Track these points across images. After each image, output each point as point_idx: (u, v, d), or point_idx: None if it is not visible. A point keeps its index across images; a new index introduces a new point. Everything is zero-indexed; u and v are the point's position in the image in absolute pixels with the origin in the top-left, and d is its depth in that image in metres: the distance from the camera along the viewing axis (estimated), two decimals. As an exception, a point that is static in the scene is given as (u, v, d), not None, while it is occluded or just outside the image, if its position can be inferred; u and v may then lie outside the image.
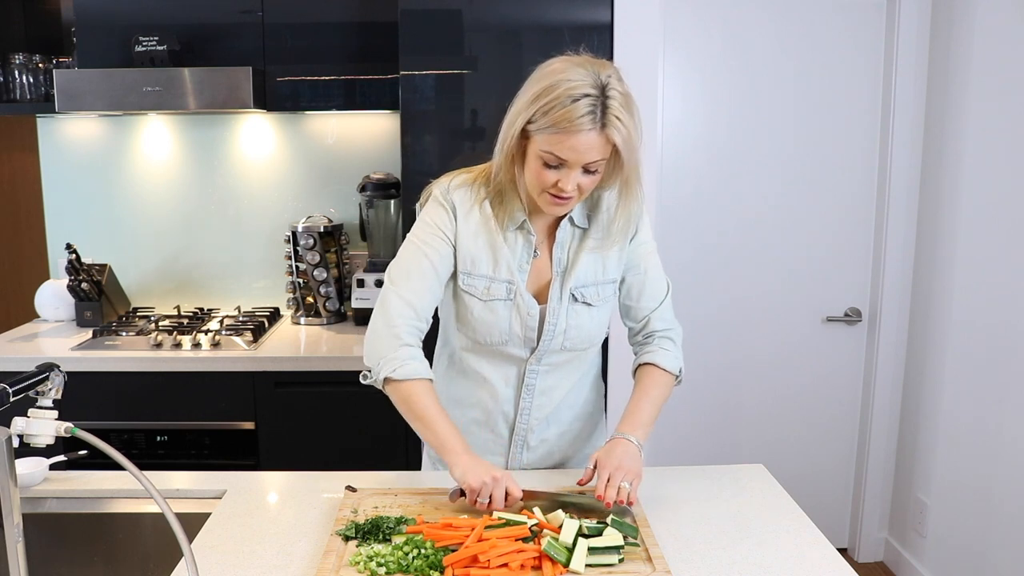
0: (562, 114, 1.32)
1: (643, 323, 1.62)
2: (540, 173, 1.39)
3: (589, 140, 1.34)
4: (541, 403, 1.60)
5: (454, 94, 2.46)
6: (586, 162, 1.36)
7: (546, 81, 1.35)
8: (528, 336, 1.53)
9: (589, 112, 1.32)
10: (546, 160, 1.37)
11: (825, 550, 1.33)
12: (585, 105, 1.32)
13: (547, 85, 1.34)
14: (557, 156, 1.36)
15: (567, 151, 1.35)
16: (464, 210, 1.52)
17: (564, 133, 1.33)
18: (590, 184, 1.41)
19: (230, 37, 2.69)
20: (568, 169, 1.37)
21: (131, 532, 1.55)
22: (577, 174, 1.38)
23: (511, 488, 1.36)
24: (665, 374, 1.58)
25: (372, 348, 1.51)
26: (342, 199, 3.07)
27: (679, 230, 2.92)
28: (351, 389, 2.49)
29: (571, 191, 1.39)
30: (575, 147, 1.34)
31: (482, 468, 1.37)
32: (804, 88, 2.88)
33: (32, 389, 1.24)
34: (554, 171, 1.38)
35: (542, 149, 1.37)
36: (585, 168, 1.38)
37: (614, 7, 2.42)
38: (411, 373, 1.46)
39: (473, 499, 1.36)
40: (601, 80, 1.34)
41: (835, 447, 3.11)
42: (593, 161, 1.37)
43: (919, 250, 2.90)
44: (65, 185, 3.06)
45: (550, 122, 1.33)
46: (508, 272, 1.51)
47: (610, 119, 1.33)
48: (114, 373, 2.49)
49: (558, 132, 1.34)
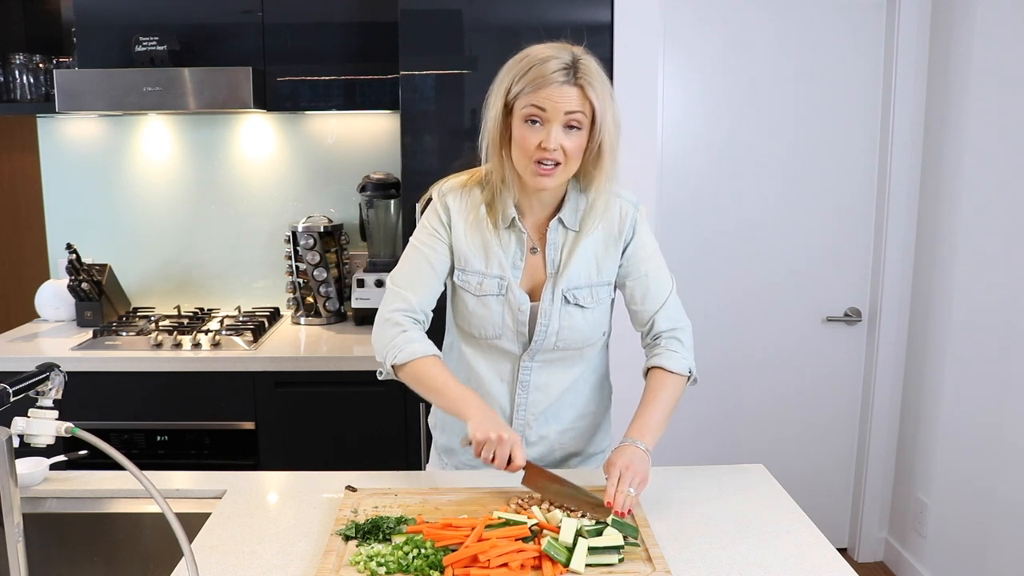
0: (537, 71, 1.41)
1: (649, 325, 1.63)
2: (524, 136, 1.44)
3: (564, 92, 1.41)
4: (536, 399, 1.62)
5: (454, 94, 2.47)
6: (565, 111, 1.41)
7: (518, 57, 1.46)
8: (520, 331, 1.57)
9: (563, 68, 1.41)
10: (528, 116, 1.43)
11: (825, 550, 1.33)
12: (558, 63, 1.41)
13: (519, 57, 1.46)
14: (537, 107, 1.42)
15: (544, 100, 1.41)
16: (457, 210, 1.57)
17: (540, 87, 1.41)
18: (573, 147, 1.45)
19: (230, 37, 2.69)
20: (549, 124, 1.42)
21: (131, 532, 1.55)
22: (558, 130, 1.43)
23: (515, 453, 1.39)
24: (673, 376, 1.58)
25: (376, 344, 1.57)
26: (342, 199, 3.07)
27: (679, 230, 2.92)
28: (351, 389, 2.51)
29: (554, 147, 1.43)
30: (551, 96, 1.41)
31: (492, 424, 1.40)
32: (804, 88, 2.88)
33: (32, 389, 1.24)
34: (537, 130, 1.43)
35: (522, 108, 1.43)
36: (567, 123, 1.43)
37: (614, 7, 2.42)
38: (413, 353, 1.51)
39: (478, 451, 1.40)
40: (574, 53, 1.44)
41: (835, 447, 3.11)
42: (572, 111, 1.42)
43: (919, 250, 2.90)
44: (65, 185, 3.06)
45: (526, 82, 1.42)
46: (500, 268, 1.56)
47: (583, 77, 1.42)
48: (114, 373, 2.49)
49: (535, 87, 1.41)
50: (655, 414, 1.53)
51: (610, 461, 1.45)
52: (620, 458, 1.43)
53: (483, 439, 1.38)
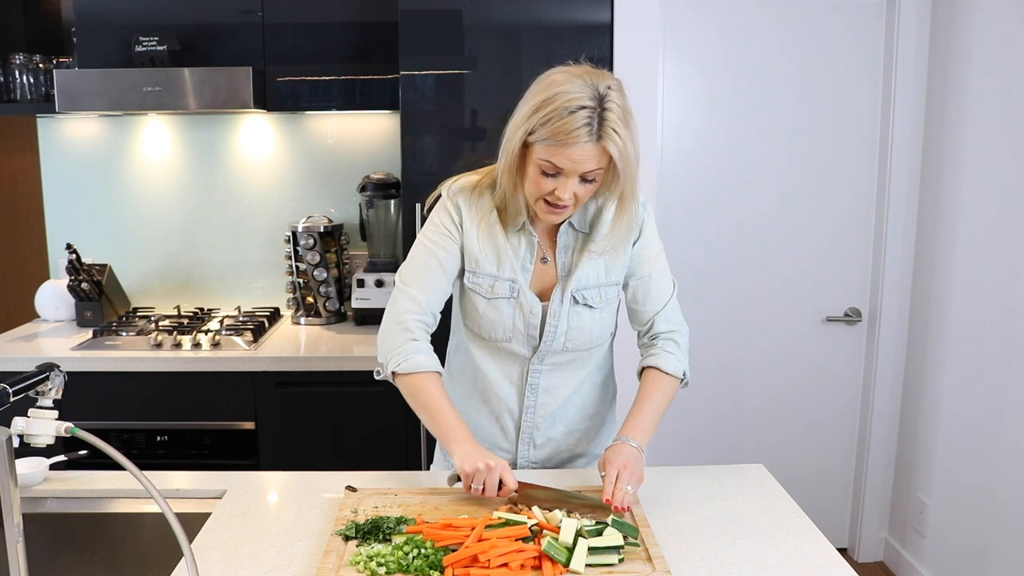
0: (559, 126, 1.35)
1: (648, 325, 1.63)
2: (538, 181, 1.42)
3: (585, 151, 1.37)
4: (545, 401, 1.62)
5: (454, 94, 2.47)
6: (582, 172, 1.39)
7: (545, 93, 1.38)
8: (531, 334, 1.56)
9: (586, 124, 1.35)
10: (544, 169, 1.41)
11: (825, 550, 1.33)
12: (582, 117, 1.34)
13: (545, 98, 1.37)
14: (555, 165, 1.39)
15: (564, 161, 1.38)
16: (469, 212, 1.56)
17: (561, 144, 1.36)
18: (586, 194, 1.44)
19: (230, 37, 2.69)
20: (565, 178, 1.40)
21: (131, 532, 1.55)
22: (574, 183, 1.41)
23: (505, 478, 1.39)
24: (668, 377, 1.58)
25: (382, 344, 1.56)
26: (342, 199, 3.07)
27: (679, 230, 2.92)
28: (351, 389, 2.51)
29: (567, 199, 1.42)
30: (571, 157, 1.37)
31: (479, 455, 1.40)
32: (804, 88, 2.88)
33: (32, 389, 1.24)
34: (551, 180, 1.41)
35: (540, 158, 1.40)
36: (582, 177, 1.41)
37: (614, 7, 2.42)
38: (416, 366, 1.50)
39: (468, 484, 1.39)
40: (599, 91, 1.36)
41: (835, 447, 3.11)
42: (589, 171, 1.40)
43: (919, 250, 2.90)
44: (65, 185, 3.06)
45: (548, 133, 1.37)
46: (511, 271, 1.55)
47: (607, 131, 1.36)
48: (114, 373, 2.49)
49: (556, 144, 1.37)
50: (649, 414, 1.54)
51: (606, 459, 1.45)
52: (617, 456, 1.44)
53: (471, 471, 1.38)
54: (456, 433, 1.45)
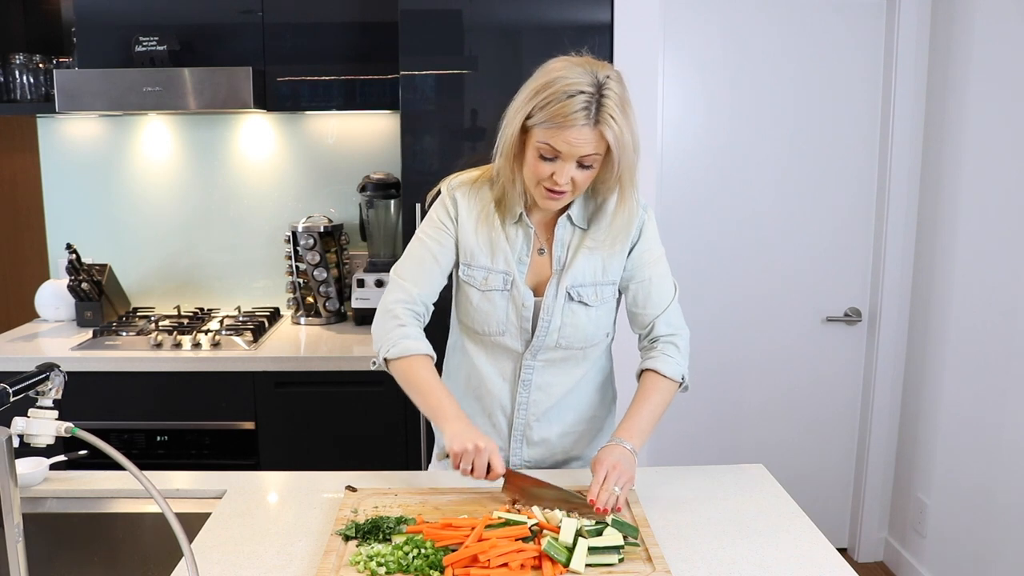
0: (558, 108, 1.37)
1: (648, 328, 1.63)
2: (536, 165, 1.44)
3: (583, 135, 1.38)
4: (538, 399, 1.62)
5: (454, 94, 2.47)
6: (580, 155, 1.41)
7: (545, 78, 1.41)
8: (523, 327, 1.57)
9: (583, 108, 1.37)
10: (542, 152, 1.42)
11: (825, 550, 1.33)
12: (580, 101, 1.37)
13: (545, 81, 1.40)
14: (552, 148, 1.41)
15: (561, 144, 1.40)
16: (466, 205, 1.58)
17: (559, 127, 1.38)
18: (583, 180, 1.45)
19: (230, 37, 2.69)
20: (562, 162, 1.42)
21: (131, 532, 1.55)
22: (571, 167, 1.42)
23: (494, 461, 1.40)
24: (666, 380, 1.58)
25: (374, 335, 1.59)
26: (342, 199, 3.07)
27: (679, 230, 2.92)
28: (351, 389, 2.51)
29: (564, 184, 1.43)
30: (569, 140, 1.39)
31: (468, 435, 1.41)
32: (804, 88, 2.88)
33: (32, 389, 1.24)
34: (549, 164, 1.43)
35: (539, 141, 1.42)
36: (580, 162, 1.42)
37: (614, 7, 2.42)
38: (405, 350, 1.53)
39: (456, 463, 1.40)
40: (599, 79, 1.39)
41: (835, 447, 3.11)
42: (586, 155, 1.41)
43: (919, 250, 2.90)
44: (65, 185, 3.06)
45: (547, 116, 1.39)
46: (506, 264, 1.56)
47: (604, 116, 1.38)
48: (114, 373, 2.49)
49: (554, 126, 1.39)
50: (645, 416, 1.54)
51: (597, 459, 1.45)
52: (608, 457, 1.44)
53: (460, 450, 1.39)
54: (446, 411, 1.46)
